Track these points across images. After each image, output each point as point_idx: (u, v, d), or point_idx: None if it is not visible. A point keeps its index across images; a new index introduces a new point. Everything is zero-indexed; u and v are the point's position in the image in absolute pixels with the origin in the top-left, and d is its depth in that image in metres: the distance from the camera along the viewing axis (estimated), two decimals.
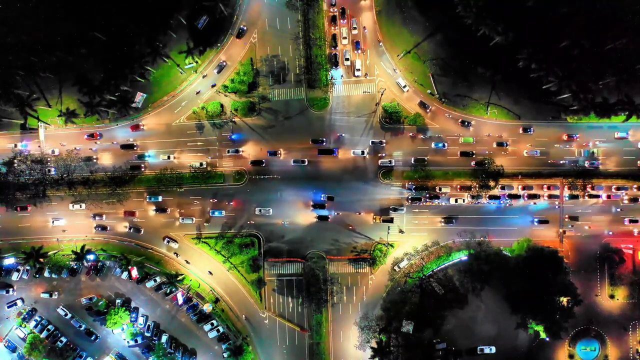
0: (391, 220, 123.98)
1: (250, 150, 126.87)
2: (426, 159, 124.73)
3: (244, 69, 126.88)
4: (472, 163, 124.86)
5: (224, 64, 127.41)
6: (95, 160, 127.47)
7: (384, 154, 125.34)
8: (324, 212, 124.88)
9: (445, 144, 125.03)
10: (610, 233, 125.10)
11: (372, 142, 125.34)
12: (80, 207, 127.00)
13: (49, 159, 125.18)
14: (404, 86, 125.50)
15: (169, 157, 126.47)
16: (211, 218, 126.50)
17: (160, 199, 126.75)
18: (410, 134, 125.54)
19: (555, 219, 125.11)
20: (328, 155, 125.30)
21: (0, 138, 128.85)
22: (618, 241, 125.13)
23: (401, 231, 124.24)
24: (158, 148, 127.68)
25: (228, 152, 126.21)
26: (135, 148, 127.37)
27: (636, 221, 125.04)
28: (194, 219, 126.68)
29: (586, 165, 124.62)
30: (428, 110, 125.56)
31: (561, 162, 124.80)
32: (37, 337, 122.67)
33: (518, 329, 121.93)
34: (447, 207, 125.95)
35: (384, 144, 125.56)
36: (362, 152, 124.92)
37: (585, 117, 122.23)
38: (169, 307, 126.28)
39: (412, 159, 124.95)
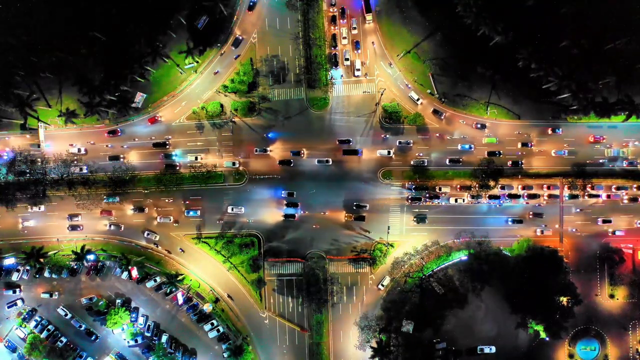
0: (362, 219, 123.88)
1: (277, 151, 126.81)
2: (461, 160, 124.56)
3: (244, 68, 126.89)
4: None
5: (240, 38, 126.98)
6: (122, 160, 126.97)
7: (420, 154, 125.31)
8: (290, 211, 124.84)
9: (472, 146, 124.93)
10: (574, 230, 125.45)
11: (399, 142, 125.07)
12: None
13: (75, 158, 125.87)
14: (417, 99, 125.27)
15: (196, 158, 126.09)
16: (186, 218, 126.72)
17: (117, 199, 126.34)
18: (437, 135, 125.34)
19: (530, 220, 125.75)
20: (353, 156, 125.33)
21: (21, 138, 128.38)
22: (617, 241, 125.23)
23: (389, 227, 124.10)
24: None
25: (256, 151, 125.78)
26: (167, 146, 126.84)
27: (609, 221, 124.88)
28: (171, 217, 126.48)
29: (624, 165, 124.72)
30: (442, 118, 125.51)
31: (600, 161, 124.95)
32: (37, 337, 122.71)
33: (518, 329, 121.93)
34: (447, 207, 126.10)
35: (411, 144, 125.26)
36: (388, 152, 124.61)
37: (585, 117, 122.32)
38: (169, 307, 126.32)
39: (447, 159, 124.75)
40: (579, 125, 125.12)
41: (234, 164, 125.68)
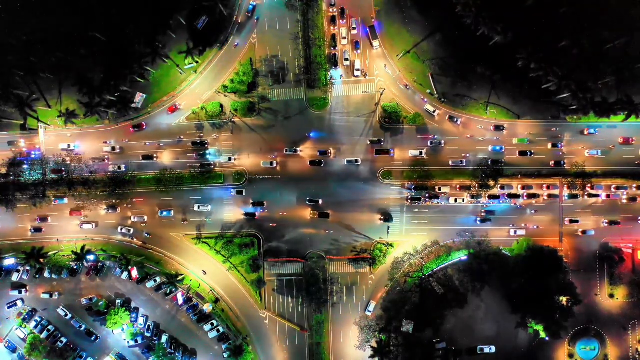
0: (327, 216, 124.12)
1: (307, 151, 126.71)
2: (503, 161, 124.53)
3: (244, 69, 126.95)
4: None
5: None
6: (155, 159, 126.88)
7: (464, 156, 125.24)
8: (250, 210, 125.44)
9: (503, 147, 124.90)
10: (536, 227, 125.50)
11: (431, 143, 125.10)
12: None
13: (107, 157, 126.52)
14: (434, 111, 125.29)
15: (230, 159, 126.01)
16: (160, 218, 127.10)
17: (65, 201, 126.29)
18: (468, 136, 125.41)
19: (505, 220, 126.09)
20: (385, 155, 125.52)
21: (55, 138, 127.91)
22: (617, 240, 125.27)
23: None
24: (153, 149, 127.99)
25: (286, 151, 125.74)
26: (206, 145, 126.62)
27: (577, 221, 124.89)
28: (145, 217, 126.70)
29: None
30: (458, 123, 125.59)
31: (637, 162, 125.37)
32: (37, 338, 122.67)
33: (518, 329, 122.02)
34: (447, 207, 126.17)
35: (443, 144, 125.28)
36: (420, 153, 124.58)
37: (584, 117, 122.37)
38: (169, 307, 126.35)
39: (489, 160, 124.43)
40: (609, 125, 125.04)
41: (271, 163, 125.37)
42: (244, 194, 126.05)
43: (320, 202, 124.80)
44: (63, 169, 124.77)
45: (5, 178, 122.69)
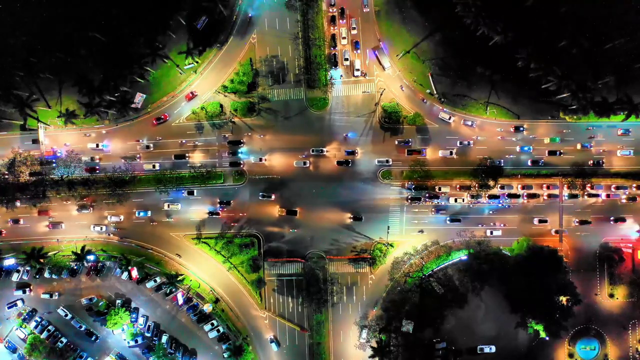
0: (295, 213, 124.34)
1: (334, 150, 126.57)
2: (542, 161, 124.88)
3: (243, 69, 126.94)
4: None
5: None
6: (187, 158, 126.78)
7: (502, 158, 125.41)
8: (212, 209, 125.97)
9: (531, 147, 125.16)
10: (503, 225, 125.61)
11: (461, 143, 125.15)
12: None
13: (138, 156, 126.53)
14: (449, 118, 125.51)
15: (260, 160, 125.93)
16: (137, 218, 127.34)
17: (18, 204, 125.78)
18: (499, 137, 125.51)
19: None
20: (417, 155, 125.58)
21: (87, 140, 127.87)
22: (616, 240, 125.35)
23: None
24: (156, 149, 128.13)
25: (312, 151, 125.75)
26: (241, 144, 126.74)
27: (545, 221, 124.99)
28: (121, 217, 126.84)
29: None
30: (474, 126, 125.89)
31: None
32: (37, 338, 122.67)
33: (518, 328, 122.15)
34: (447, 207, 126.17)
35: (472, 145, 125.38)
36: (451, 152, 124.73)
37: (584, 117, 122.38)
38: (169, 308, 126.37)
39: (529, 160, 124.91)
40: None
41: (304, 163, 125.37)
42: (194, 195, 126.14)
43: (273, 197, 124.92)
44: (97, 167, 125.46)
45: (37, 175, 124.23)
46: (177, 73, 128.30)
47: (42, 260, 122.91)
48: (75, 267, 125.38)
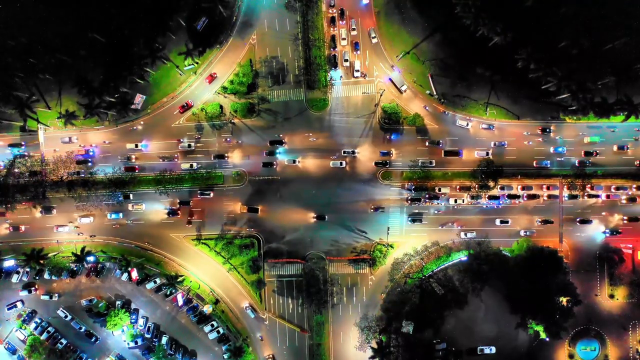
0: (256, 211, 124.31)
1: (365, 152, 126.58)
2: (589, 162, 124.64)
3: (243, 70, 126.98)
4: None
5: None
6: (227, 158, 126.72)
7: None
8: (170, 209, 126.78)
9: (564, 148, 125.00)
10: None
11: (494, 144, 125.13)
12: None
13: (176, 155, 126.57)
14: (467, 124, 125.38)
15: (294, 162, 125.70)
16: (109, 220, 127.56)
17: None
18: (529, 142, 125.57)
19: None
20: (455, 157, 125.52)
21: (121, 143, 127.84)
22: (616, 241, 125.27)
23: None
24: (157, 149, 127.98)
25: (344, 152, 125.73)
26: (283, 144, 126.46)
27: (507, 222, 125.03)
28: (92, 218, 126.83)
29: None
30: (493, 129, 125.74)
31: None
32: (37, 339, 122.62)
33: (518, 329, 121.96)
34: (447, 207, 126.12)
35: (505, 145, 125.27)
36: (487, 153, 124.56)
37: (584, 117, 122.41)
38: (169, 309, 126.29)
39: (577, 161, 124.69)
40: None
41: (341, 163, 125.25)
42: (130, 199, 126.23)
43: (212, 194, 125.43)
44: (137, 166, 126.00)
45: (78, 174, 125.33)
46: (177, 74, 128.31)
47: (42, 262, 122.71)
48: (75, 269, 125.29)
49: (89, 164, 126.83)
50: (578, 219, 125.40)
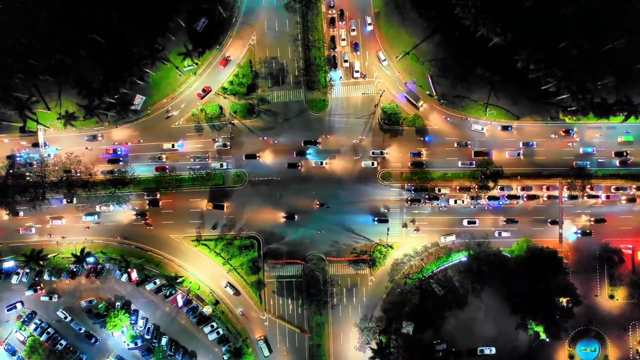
0: (222, 207, 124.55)
1: (394, 153, 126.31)
2: (630, 160, 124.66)
3: (243, 71, 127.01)
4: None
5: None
6: (258, 159, 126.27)
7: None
8: (139, 210, 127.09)
9: (594, 148, 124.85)
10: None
11: (523, 144, 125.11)
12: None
13: (207, 155, 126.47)
14: (482, 128, 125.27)
15: (321, 163, 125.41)
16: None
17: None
18: (557, 144, 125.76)
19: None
20: (483, 157, 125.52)
21: (150, 145, 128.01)
22: (616, 241, 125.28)
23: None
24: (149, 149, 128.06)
25: (372, 153, 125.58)
26: (318, 144, 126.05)
27: (474, 222, 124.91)
28: (63, 220, 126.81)
29: None
30: (512, 130, 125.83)
31: None
32: (36, 340, 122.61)
33: (518, 330, 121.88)
34: (447, 208, 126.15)
35: (534, 146, 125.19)
36: (518, 154, 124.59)
37: (583, 118, 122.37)
38: (169, 310, 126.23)
39: (617, 161, 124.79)
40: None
41: (372, 163, 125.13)
42: (74, 202, 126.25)
43: (158, 195, 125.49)
44: (167, 166, 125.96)
45: (112, 173, 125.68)
46: (176, 75, 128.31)
47: (41, 263, 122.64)
48: (74, 269, 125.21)
49: (120, 162, 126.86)
50: (549, 220, 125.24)
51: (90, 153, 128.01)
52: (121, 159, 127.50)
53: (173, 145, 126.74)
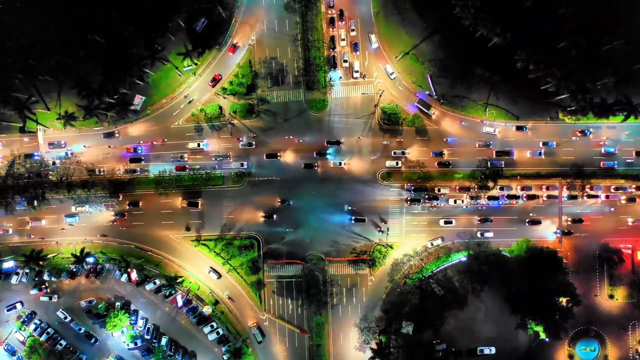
0: (197, 205, 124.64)
1: (415, 153, 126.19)
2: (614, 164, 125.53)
3: (243, 71, 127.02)
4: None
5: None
6: (279, 158, 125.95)
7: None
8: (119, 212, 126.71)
9: (616, 148, 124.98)
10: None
11: (543, 143, 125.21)
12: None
13: (228, 154, 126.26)
14: (494, 130, 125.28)
15: (340, 164, 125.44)
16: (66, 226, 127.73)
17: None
18: (574, 146, 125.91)
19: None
20: (504, 157, 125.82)
21: (173, 144, 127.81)
22: (616, 241, 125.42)
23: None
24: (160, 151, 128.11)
25: (394, 153, 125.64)
26: (341, 144, 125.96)
27: (450, 222, 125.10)
28: (44, 221, 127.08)
29: None
30: (526, 131, 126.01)
31: None
32: (36, 341, 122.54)
33: (518, 330, 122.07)
34: (446, 208, 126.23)
35: (555, 146, 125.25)
36: (540, 154, 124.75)
37: (583, 118, 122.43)
38: (169, 310, 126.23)
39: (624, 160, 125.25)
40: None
41: (397, 163, 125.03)
42: (35, 206, 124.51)
43: (121, 197, 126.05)
44: (187, 165, 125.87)
45: (132, 173, 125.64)
46: (176, 75, 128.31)
47: (41, 263, 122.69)
48: (74, 270, 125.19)
49: (142, 161, 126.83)
50: (527, 220, 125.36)
51: (112, 151, 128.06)
52: (142, 157, 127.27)
53: (199, 145, 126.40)
